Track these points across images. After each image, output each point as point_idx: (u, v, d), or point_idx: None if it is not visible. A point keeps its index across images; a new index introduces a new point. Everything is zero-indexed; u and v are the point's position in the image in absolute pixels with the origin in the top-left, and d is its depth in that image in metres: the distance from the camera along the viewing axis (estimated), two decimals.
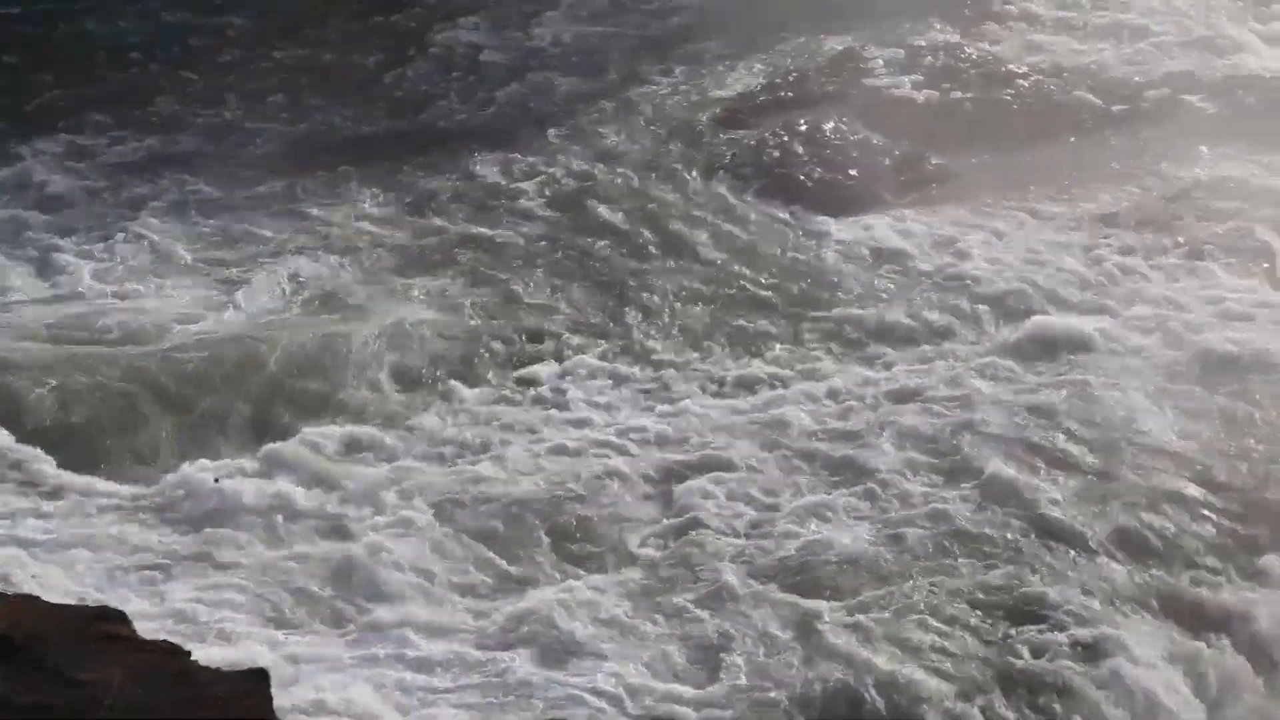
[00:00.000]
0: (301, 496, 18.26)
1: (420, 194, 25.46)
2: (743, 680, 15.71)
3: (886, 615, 16.52)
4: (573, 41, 31.35)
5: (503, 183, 25.76)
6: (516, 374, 20.82)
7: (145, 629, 14.65)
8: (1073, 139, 27.08)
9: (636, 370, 20.94)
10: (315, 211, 24.89)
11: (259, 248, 23.83)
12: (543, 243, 23.99)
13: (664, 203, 25.16)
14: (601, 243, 23.99)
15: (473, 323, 21.74)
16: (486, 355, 21.15)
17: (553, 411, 20.06)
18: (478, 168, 26.30)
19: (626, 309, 22.26)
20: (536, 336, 21.59)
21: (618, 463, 18.97)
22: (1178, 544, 17.79)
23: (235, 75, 30.06)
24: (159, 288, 22.58)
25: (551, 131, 27.63)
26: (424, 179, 25.95)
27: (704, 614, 16.57)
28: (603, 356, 21.17)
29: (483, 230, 24.30)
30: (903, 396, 20.22)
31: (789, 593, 16.90)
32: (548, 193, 25.46)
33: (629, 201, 25.19)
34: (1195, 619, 16.94)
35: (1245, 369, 20.58)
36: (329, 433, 19.39)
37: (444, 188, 25.62)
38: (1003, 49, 29.98)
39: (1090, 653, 16.21)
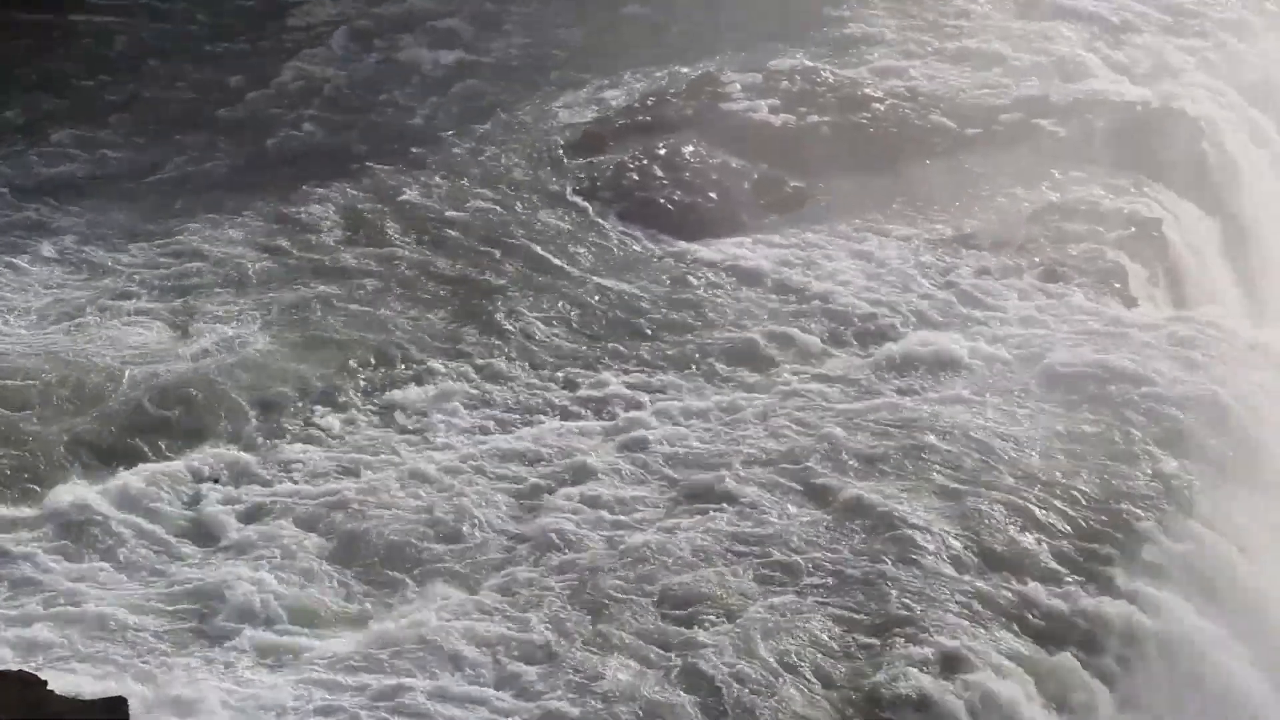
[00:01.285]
0: (162, 523, 18.07)
1: (284, 221, 25.16)
2: (612, 700, 15.71)
3: (749, 635, 16.58)
4: (430, 68, 31.24)
5: (365, 209, 25.56)
6: (380, 399, 20.73)
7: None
8: (928, 162, 27.39)
9: (498, 393, 20.92)
10: (179, 239, 24.53)
11: (119, 278, 23.47)
12: (405, 267, 23.86)
13: (524, 227, 25.14)
14: (463, 267, 23.93)
15: (336, 349, 21.59)
16: (350, 381, 21.01)
17: (416, 435, 20.01)
18: (339, 195, 26.07)
19: (488, 333, 22.22)
20: (399, 361, 21.49)
21: (481, 484, 18.96)
22: (1034, 558, 18.07)
23: (100, 107, 29.64)
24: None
25: (411, 157, 27.48)
26: (286, 206, 25.62)
27: (568, 637, 16.56)
28: (465, 380, 21.12)
29: (346, 256, 24.11)
30: (762, 416, 20.37)
31: (651, 614, 16.94)
32: (408, 217, 25.33)
33: (489, 226, 25.14)
34: (1051, 632, 17.24)
35: (1098, 386, 20.95)
36: (192, 459, 19.22)
37: (306, 215, 25.36)
38: (858, 73, 30.25)
39: (951, 667, 16.42)
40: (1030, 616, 17.25)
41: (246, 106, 29.67)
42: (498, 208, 25.73)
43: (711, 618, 16.90)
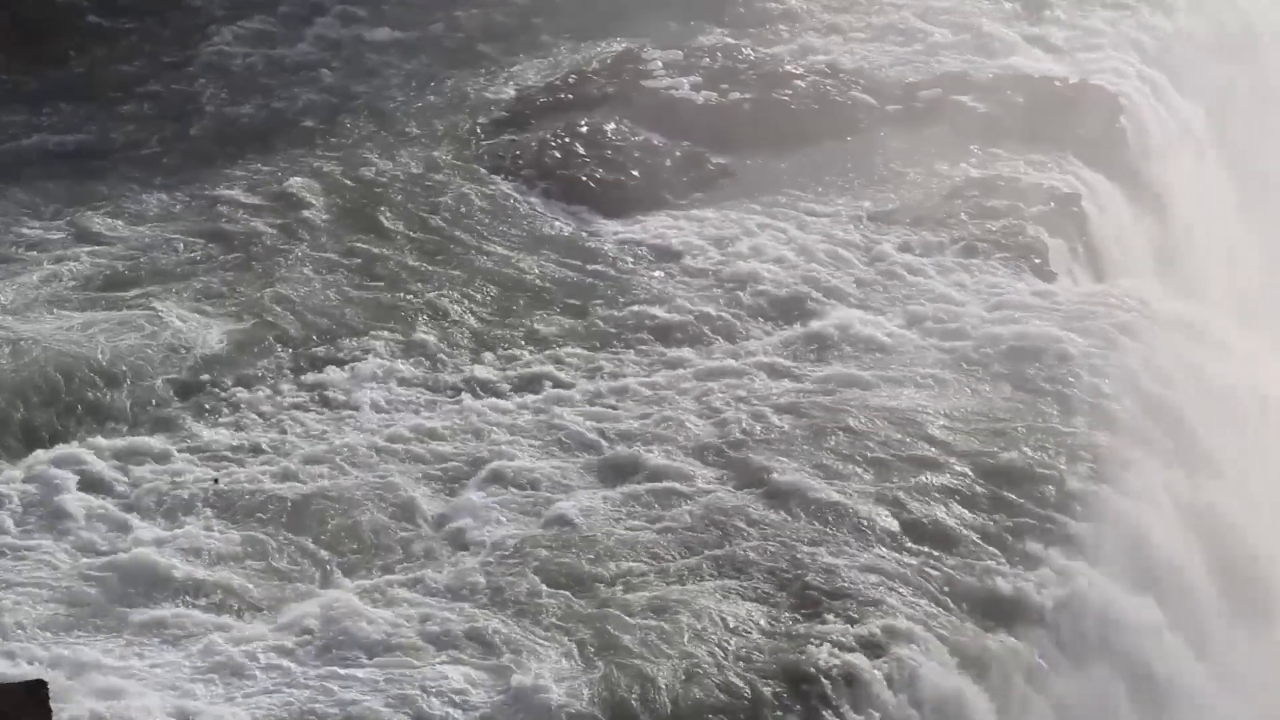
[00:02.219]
0: (80, 503, 17.91)
1: (203, 201, 25.01)
2: (528, 683, 15.68)
3: (677, 614, 16.61)
4: (346, 46, 30.98)
5: (287, 187, 25.38)
6: (303, 378, 20.62)
7: None
8: (850, 138, 27.46)
9: (422, 371, 20.85)
10: (92, 217, 24.32)
11: (31, 251, 23.27)
12: (328, 247, 23.73)
13: (447, 205, 25.03)
14: (386, 246, 23.81)
15: (259, 328, 21.45)
16: (273, 360, 20.89)
17: (338, 414, 19.90)
18: (262, 173, 25.91)
19: (411, 312, 22.12)
20: (322, 340, 21.38)
21: (405, 463, 18.91)
22: (958, 534, 18.17)
23: (24, 85, 29.28)
24: None
25: (333, 136, 27.33)
26: (207, 186, 25.45)
27: (492, 618, 16.53)
28: (389, 358, 21.03)
29: (268, 236, 23.94)
30: (685, 394, 20.38)
31: (574, 594, 16.94)
32: (331, 197, 25.17)
33: (413, 205, 25.02)
34: (975, 606, 17.33)
35: (1018, 360, 21.09)
36: (110, 438, 19.06)
37: (226, 194, 25.17)
38: (779, 50, 30.28)
39: (876, 642, 16.49)
40: (954, 591, 17.34)
41: (170, 84, 29.39)
42: (420, 186, 25.61)
43: (639, 597, 16.90)
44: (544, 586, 16.99)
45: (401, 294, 22.54)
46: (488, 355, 21.31)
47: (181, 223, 24.34)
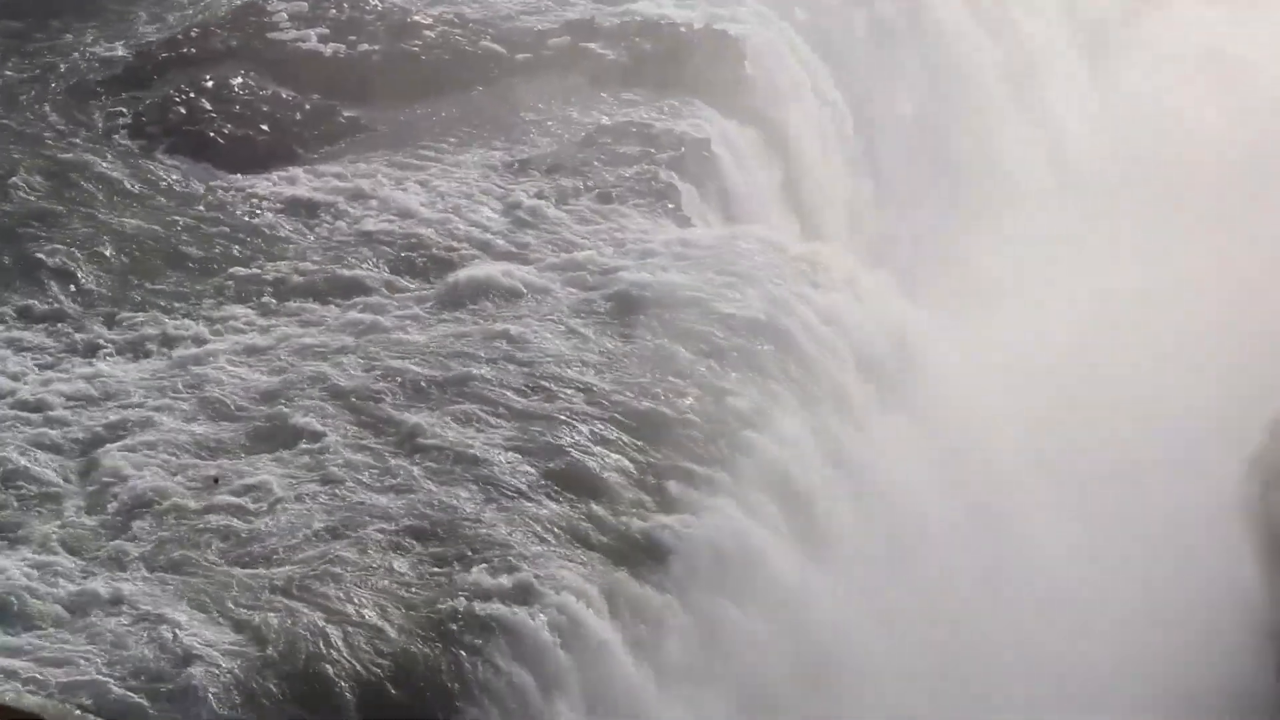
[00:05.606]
0: None
1: None
2: (184, 649, 15.39)
3: (325, 572, 16.50)
4: None
5: None
6: None
7: None
8: (481, 88, 27.44)
9: (46, 336, 20.28)
10: None
11: None
12: None
13: (67, 166, 24.27)
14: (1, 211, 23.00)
15: None
16: None
17: None
18: None
19: (35, 274, 21.46)
20: None
21: (36, 429, 18.37)
22: (600, 479, 18.43)
23: None
24: None
25: None
26: None
27: (134, 585, 16.18)
28: (9, 325, 20.38)
29: None
30: (324, 350, 20.19)
31: (217, 557, 16.70)
32: None
33: (30, 167, 24.16)
34: (619, 549, 17.64)
35: (653, 305, 21.39)
36: None
37: None
38: (406, 0, 30.07)
39: (526, 590, 16.62)
40: (600, 536, 17.63)
41: None
42: (38, 147, 24.85)
43: (288, 556, 16.77)
44: (184, 551, 16.75)
45: (22, 259, 21.84)
46: (118, 316, 20.90)
47: None
